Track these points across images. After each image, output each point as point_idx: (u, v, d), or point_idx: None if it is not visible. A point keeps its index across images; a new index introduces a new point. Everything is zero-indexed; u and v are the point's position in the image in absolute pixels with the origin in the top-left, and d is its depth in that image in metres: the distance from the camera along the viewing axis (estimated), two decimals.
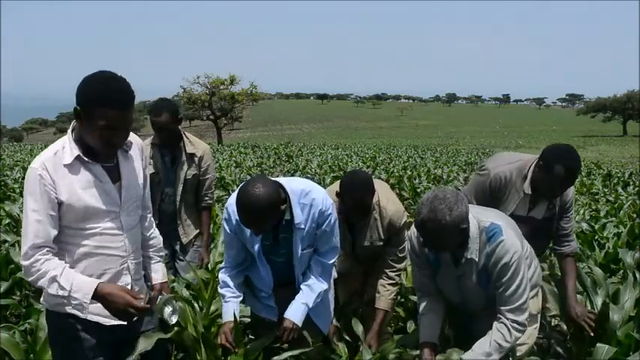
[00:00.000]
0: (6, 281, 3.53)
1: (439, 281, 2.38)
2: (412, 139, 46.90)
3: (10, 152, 22.77)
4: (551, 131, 66.14)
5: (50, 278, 1.78)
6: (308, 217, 2.21)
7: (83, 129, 1.79)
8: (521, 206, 2.71)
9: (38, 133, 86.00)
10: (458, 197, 2.09)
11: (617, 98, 59.47)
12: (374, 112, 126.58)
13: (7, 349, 2.42)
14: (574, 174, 2.55)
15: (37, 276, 1.79)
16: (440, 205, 2.04)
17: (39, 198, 1.78)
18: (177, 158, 3.33)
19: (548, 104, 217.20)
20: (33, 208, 1.78)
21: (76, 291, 1.79)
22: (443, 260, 2.30)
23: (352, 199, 2.55)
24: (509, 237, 2.19)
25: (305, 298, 2.29)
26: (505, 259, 2.16)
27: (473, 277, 2.25)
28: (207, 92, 38.04)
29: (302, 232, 2.22)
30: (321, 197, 2.22)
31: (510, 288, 2.18)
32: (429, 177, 11.97)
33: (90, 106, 1.73)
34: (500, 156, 2.89)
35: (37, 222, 1.79)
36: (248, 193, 2.01)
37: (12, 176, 10.21)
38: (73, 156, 1.81)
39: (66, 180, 1.80)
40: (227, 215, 2.27)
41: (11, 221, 5.10)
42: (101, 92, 1.73)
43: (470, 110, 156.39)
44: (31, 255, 1.79)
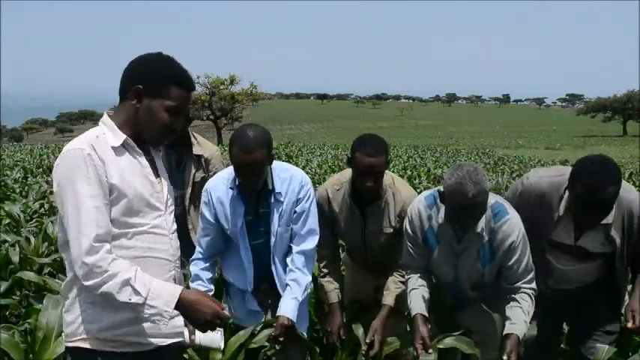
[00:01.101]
0: (6, 281, 3.52)
1: (435, 259, 2.39)
2: (412, 139, 46.89)
3: (10, 152, 22.75)
4: (551, 131, 66.12)
5: (122, 281, 1.48)
6: (287, 190, 2.28)
7: (139, 112, 1.60)
8: (562, 231, 2.33)
9: (38, 133, 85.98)
10: (477, 165, 2.17)
11: (617, 98, 59.48)
12: (374, 112, 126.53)
13: (7, 349, 2.42)
14: (599, 196, 2.05)
15: (103, 279, 1.48)
16: (478, 175, 2.07)
17: (93, 181, 1.50)
18: (183, 159, 3.22)
19: (548, 104, 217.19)
20: (89, 194, 1.49)
21: (153, 298, 1.51)
22: (443, 238, 2.33)
23: (365, 156, 2.35)
24: (513, 215, 2.26)
25: (294, 293, 2.30)
26: (512, 237, 2.23)
27: (474, 253, 2.30)
28: (207, 92, 38.03)
29: (281, 206, 2.28)
30: (299, 174, 2.34)
31: (522, 264, 2.27)
32: (429, 177, 11.97)
33: (163, 85, 1.59)
34: (551, 168, 2.61)
35: (96, 209, 1.49)
36: (243, 131, 2.12)
37: (12, 176, 10.20)
38: (120, 139, 1.60)
39: (114, 163, 1.56)
40: (207, 198, 2.33)
41: (11, 221, 5.10)
42: (177, 71, 1.63)
43: (470, 110, 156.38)
44: (97, 249, 1.48)
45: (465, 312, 2.50)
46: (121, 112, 1.64)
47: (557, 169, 2.44)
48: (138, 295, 1.50)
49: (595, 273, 2.37)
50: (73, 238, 1.49)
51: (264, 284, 2.42)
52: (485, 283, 2.40)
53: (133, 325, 1.57)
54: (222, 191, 2.32)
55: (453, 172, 2.12)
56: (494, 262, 2.31)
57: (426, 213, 2.36)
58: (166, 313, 1.54)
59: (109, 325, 1.56)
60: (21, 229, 4.70)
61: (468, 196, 2.05)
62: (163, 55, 1.65)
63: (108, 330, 1.56)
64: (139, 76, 1.60)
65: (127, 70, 1.63)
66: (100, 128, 1.62)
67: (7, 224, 5.00)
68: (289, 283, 2.32)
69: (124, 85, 1.62)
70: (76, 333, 1.56)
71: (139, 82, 1.59)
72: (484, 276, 2.36)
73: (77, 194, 1.49)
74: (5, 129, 74.46)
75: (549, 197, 2.32)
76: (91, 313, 1.55)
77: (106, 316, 1.55)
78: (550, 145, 36.73)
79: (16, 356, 2.40)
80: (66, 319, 1.61)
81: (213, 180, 2.40)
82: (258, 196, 2.29)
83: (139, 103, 1.60)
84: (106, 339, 1.56)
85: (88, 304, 1.56)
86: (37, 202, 6.33)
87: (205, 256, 2.42)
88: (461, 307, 2.52)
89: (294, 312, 2.28)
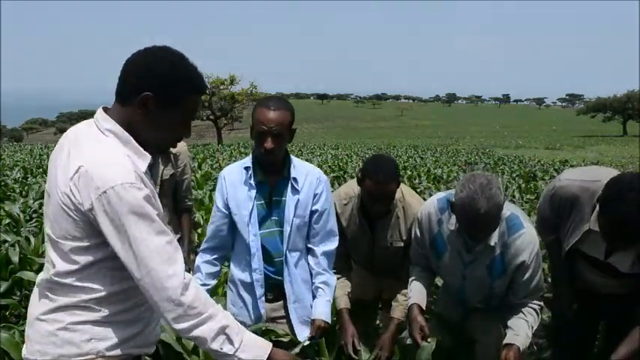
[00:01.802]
0: (6, 281, 3.52)
1: (442, 265, 2.34)
2: (412, 139, 46.88)
3: (10, 152, 22.76)
4: (551, 131, 66.12)
5: (219, 328, 1.39)
6: (305, 181, 2.25)
7: (146, 120, 1.43)
8: (593, 244, 2.13)
9: (38, 133, 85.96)
10: (491, 175, 2.08)
11: (617, 98, 59.47)
12: (374, 112, 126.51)
13: (7, 349, 2.43)
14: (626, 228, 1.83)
15: (200, 321, 1.37)
16: (492, 189, 1.97)
17: (154, 217, 1.37)
18: (155, 157, 3.07)
19: (548, 104, 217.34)
20: (158, 230, 1.37)
21: (244, 350, 1.42)
22: (452, 247, 2.26)
23: (374, 183, 2.34)
24: (528, 228, 2.17)
25: (327, 295, 2.29)
26: (526, 253, 2.14)
27: (485, 266, 2.21)
28: (207, 92, 37.96)
29: (298, 195, 2.23)
30: (317, 170, 2.32)
31: (534, 282, 2.20)
32: (429, 177, 11.97)
33: (179, 95, 1.42)
34: (586, 169, 2.37)
35: (169, 244, 1.38)
36: (268, 97, 2.21)
37: (12, 176, 10.21)
38: (146, 161, 1.45)
39: (151, 188, 1.44)
40: (220, 183, 2.31)
41: (11, 221, 5.10)
42: (194, 76, 1.45)
43: (470, 110, 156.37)
44: (188, 286, 1.37)
45: (471, 320, 2.45)
46: (124, 116, 1.44)
47: (593, 173, 2.20)
48: (231, 344, 1.41)
49: (625, 287, 2.21)
50: (148, 282, 1.36)
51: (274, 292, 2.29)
52: (494, 296, 2.33)
53: (138, 337, 1.52)
54: (237, 175, 2.29)
55: (465, 183, 2.01)
56: (505, 276, 2.22)
57: (436, 217, 2.30)
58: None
59: (119, 341, 1.47)
60: (21, 229, 4.70)
61: (480, 212, 1.95)
62: (176, 55, 1.45)
63: (117, 346, 1.47)
64: (149, 82, 1.40)
65: (131, 70, 1.43)
66: (119, 145, 1.42)
67: (7, 224, 5.00)
68: (320, 286, 2.29)
69: (128, 87, 1.43)
70: (80, 353, 1.44)
71: (149, 88, 1.40)
72: (493, 289, 2.28)
73: (146, 234, 1.35)
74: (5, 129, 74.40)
75: (580, 205, 2.12)
76: (102, 330, 1.45)
77: (115, 333, 1.46)
78: (550, 145, 36.72)
79: (16, 356, 2.41)
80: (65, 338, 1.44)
81: (229, 166, 2.38)
82: (273, 185, 2.25)
83: (147, 111, 1.42)
84: (113, 356, 1.47)
85: (99, 322, 1.45)
86: (37, 202, 6.33)
87: (211, 246, 2.36)
88: (469, 314, 2.47)
89: (329, 314, 2.28)
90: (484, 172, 2.05)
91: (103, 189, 1.33)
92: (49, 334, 1.43)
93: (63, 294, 1.44)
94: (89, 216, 1.36)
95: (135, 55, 1.44)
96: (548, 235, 2.43)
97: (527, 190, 9.64)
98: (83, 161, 1.36)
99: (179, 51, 1.46)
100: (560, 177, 2.29)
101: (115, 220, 1.34)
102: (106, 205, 1.33)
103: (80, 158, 1.37)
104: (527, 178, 12.44)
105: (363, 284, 2.81)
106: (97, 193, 1.33)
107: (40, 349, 1.44)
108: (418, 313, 2.29)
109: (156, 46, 1.46)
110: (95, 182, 1.33)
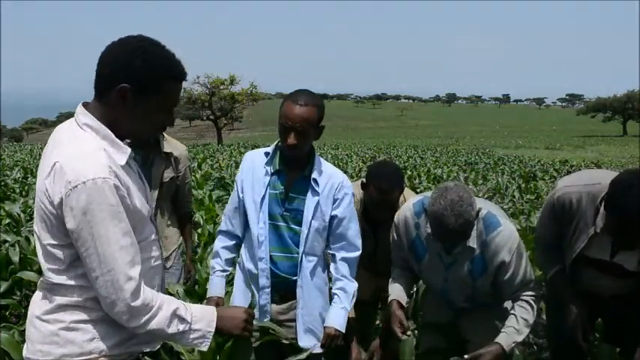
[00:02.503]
0: (6, 281, 3.52)
1: (423, 268, 2.33)
2: (412, 139, 46.86)
3: (10, 152, 22.75)
4: (551, 131, 66.12)
5: (171, 314, 1.43)
6: (326, 184, 2.16)
7: (126, 112, 1.40)
8: (599, 247, 2.09)
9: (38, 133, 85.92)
10: (464, 188, 2.06)
11: (617, 98, 59.49)
12: (374, 112, 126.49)
13: (7, 349, 2.43)
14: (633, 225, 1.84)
15: (152, 315, 1.40)
16: (461, 207, 1.97)
17: (123, 215, 1.36)
18: (149, 157, 2.87)
19: (548, 104, 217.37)
20: (123, 231, 1.36)
21: (197, 321, 1.47)
22: (431, 249, 2.25)
23: (377, 191, 2.37)
24: (506, 225, 2.16)
25: (343, 302, 2.21)
26: (506, 249, 2.14)
27: (465, 266, 2.21)
28: (207, 92, 38.01)
29: (317, 197, 2.15)
30: (342, 175, 2.23)
31: (519, 276, 2.18)
32: (429, 177, 11.97)
33: (157, 82, 1.40)
34: (581, 174, 2.32)
35: (131, 246, 1.38)
36: (298, 91, 2.13)
37: (12, 176, 10.20)
38: (125, 154, 1.43)
39: (130, 184, 1.42)
40: (243, 164, 2.25)
41: (11, 221, 5.10)
42: (171, 62, 1.42)
43: (470, 110, 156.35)
44: (140, 289, 1.38)
45: (461, 321, 2.44)
46: (103, 110, 1.42)
47: (589, 176, 2.16)
48: (184, 322, 1.45)
49: (630, 287, 2.17)
50: (108, 280, 1.35)
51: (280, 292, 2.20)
52: (478, 295, 2.32)
53: (140, 335, 1.50)
54: (257, 158, 2.23)
55: (437, 197, 2.01)
56: (486, 274, 2.21)
57: (413, 221, 2.28)
58: (209, 333, 1.49)
59: (122, 339, 1.47)
60: (21, 229, 4.70)
61: (449, 228, 1.98)
62: (148, 41, 1.41)
63: (121, 344, 1.47)
64: (126, 73, 1.37)
65: (106, 62, 1.40)
66: (96, 140, 1.39)
67: (7, 224, 5.00)
68: (337, 292, 2.22)
69: (105, 79, 1.40)
70: (83, 353, 1.43)
71: (126, 80, 1.37)
72: (476, 289, 2.27)
73: (113, 234, 1.34)
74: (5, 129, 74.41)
75: (582, 210, 2.07)
76: (104, 329, 1.44)
77: (118, 332, 1.45)
78: (550, 145, 36.71)
79: (16, 356, 2.41)
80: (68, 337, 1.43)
81: (254, 150, 2.32)
82: (291, 180, 2.17)
83: (125, 103, 1.39)
84: (115, 355, 1.46)
85: (100, 321, 1.44)
86: None
87: (229, 228, 2.29)
88: (459, 316, 2.45)
89: (343, 322, 2.20)
90: (457, 185, 2.04)
91: (75, 183, 1.31)
92: (51, 333, 1.43)
93: (60, 294, 1.43)
94: (59, 212, 1.34)
95: (109, 47, 1.42)
96: (551, 266, 2.34)
97: (527, 190, 9.63)
98: (58, 157, 1.35)
99: (154, 39, 1.43)
100: (557, 186, 2.23)
101: (81, 214, 1.32)
102: (74, 200, 1.31)
103: (57, 155, 1.36)
104: (527, 178, 12.43)
105: (363, 284, 2.81)
106: (67, 187, 1.32)
107: (43, 349, 1.43)
108: (397, 308, 2.28)
109: (130, 36, 1.43)
110: (67, 176, 1.32)
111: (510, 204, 7.59)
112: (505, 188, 9.85)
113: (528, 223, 5.69)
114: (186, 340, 1.47)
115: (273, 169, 2.17)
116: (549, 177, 12.81)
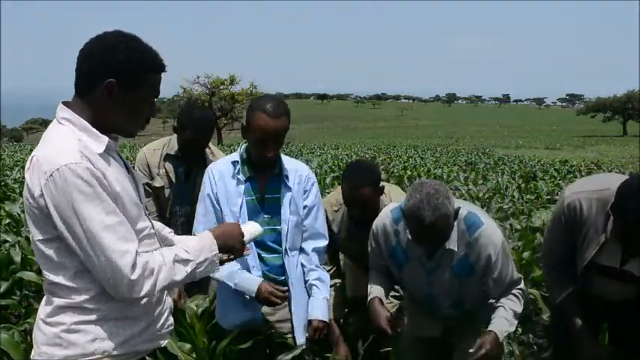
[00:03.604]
0: (6, 281, 3.52)
1: (405, 275, 2.27)
2: (412, 139, 46.89)
3: (10, 152, 22.77)
4: (551, 131, 66.14)
5: (171, 264, 1.44)
6: (294, 179, 2.22)
7: (111, 106, 1.43)
8: (609, 254, 2.04)
9: (38, 133, 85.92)
10: (440, 183, 2.02)
11: (617, 98, 59.57)
12: (374, 112, 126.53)
13: (7, 349, 2.42)
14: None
15: (155, 279, 1.40)
16: (438, 199, 1.91)
17: (104, 195, 1.36)
18: (193, 171, 2.82)
19: (548, 104, 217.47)
20: (107, 210, 1.35)
21: (199, 254, 1.51)
22: (412, 255, 2.19)
23: (349, 187, 2.39)
24: (488, 225, 2.11)
25: (323, 293, 2.24)
26: (490, 248, 2.08)
27: (448, 269, 2.15)
28: (207, 92, 38.07)
29: (291, 192, 2.19)
30: (305, 167, 2.30)
31: (507, 276, 2.14)
32: (429, 177, 11.97)
33: (139, 75, 1.42)
34: (589, 179, 2.30)
35: (120, 224, 1.37)
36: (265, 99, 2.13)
37: (12, 176, 10.20)
38: (103, 143, 1.43)
39: (108, 171, 1.41)
40: (207, 177, 2.20)
41: (11, 221, 5.10)
42: (150, 54, 1.45)
43: (470, 110, 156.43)
44: (136, 264, 1.37)
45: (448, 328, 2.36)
46: (84, 106, 1.43)
47: (598, 182, 2.10)
48: (188, 263, 1.47)
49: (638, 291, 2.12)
50: (104, 260, 1.35)
51: None
52: (466, 299, 2.25)
53: (146, 332, 1.52)
54: (226, 169, 2.20)
55: (412, 192, 1.97)
56: (473, 276, 2.15)
57: (392, 228, 2.22)
58: (216, 257, 1.54)
59: (125, 338, 1.47)
60: (21, 229, 4.69)
61: (425, 222, 1.91)
62: (127, 36, 1.44)
63: (124, 344, 1.47)
64: (107, 68, 1.39)
65: (86, 59, 1.42)
66: (73, 132, 1.41)
67: (7, 224, 5.00)
68: (314, 283, 2.24)
69: (85, 76, 1.42)
70: (85, 354, 1.43)
71: (109, 74, 1.39)
72: (463, 291, 2.21)
73: (98, 214, 1.34)
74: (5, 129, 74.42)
75: (592, 218, 2.00)
76: (106, 329, 1.44)
77: (120, 332, 1.46)
78: (550, 145, 36.73)
79: (16, 356, 2.40)
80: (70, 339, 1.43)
81: (216, 161, 2.30)
82: (264, 181, 2.19)
83: (112, 97, 1.41)
84: (120, 354, 1.46)
85: (101, 321, 1.44)
86: None
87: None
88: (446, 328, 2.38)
89: (327, 312, 2.22)
90: (433, 181, 2.01)
91: (50, 172, 1.34)
92: (54, 336, 1.44)
93: (59, 295, 1.44)
94: (41, 203, 1.36)
95: (88, 44, 1.44)
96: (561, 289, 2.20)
97: (527, 190, 9.63)
98: (36, 152, 1.40)
99: (131, 33, 1.46)
100: (564, 194, 2.13)
101: (63, 201, 1.33)
102: (53, 188, 1.33)
103: (36, 150, 1.41)
104: (527, 178, 12.42)
105: (357, 281, 2.82)
106: (44, 177, 1.34)
107: (47, 351, 1.44)
108: (379, 304, 2.21)
109: (107, 32, 1.45)
110: (43, 167, 1.35)
111: (510, 204, 7.57)
112: (505, 188, 9.84)
113: (528, 223, 5.68)
114: (200, 275, 1.51)
115: (245, 177, 2.17)
116: (549, 177, 12.80)
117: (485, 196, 8.36)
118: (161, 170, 2.80)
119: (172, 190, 2.81)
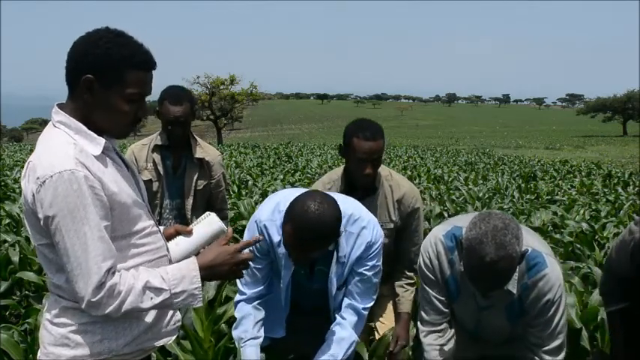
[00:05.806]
0: (6, 281, 3.52)
1: (455, 308, 2.10)
2: (412, 139, 46.84)
3: (10, 152, 22.73)
4: (551, 131, 66.13)
5: (140, 290, 1.36)
6: (352, 249, 1.95)
7: (94, 105, 1.39)
8: None
9: (38, 133, 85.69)
10: (512, 218, 1.75)
11: (617, 98, 59.43)
12: (374, 112, 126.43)
13: (7, 349, 2.42)
14: None
15: (120, 300, 1.35)
16: (506, 236, 1.66)
17: (92, 208, 1.33)
18: (181, 163, 2.83)
19: (548, 104, 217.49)
20: (93, 224, 1.32)
21: (177, 284, 1.40)
22: (465, 289, 1.98)
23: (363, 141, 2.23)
24: (553, 268, 1.88)
25: (334, 351, 1.99)
26: (549, 296, 1.87)
27: (501, 309, 1.97)
28: (207, 92, 38.02)
29: (343, 268, 1.96)
30: (372, 226, 1.97)
31: (551, 327, 1.91)
32: (429, 177, 11.96)
33: (116, 71, 1.37)
34: None
35: (100, 240, 1.33)
36: (309, 210, 1.72)
37: (12, 176, 10.19)
38: (99, 145, 1.40)
39: (106, 175, 1.39)
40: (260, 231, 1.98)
41: (11, 221, 5.10)
42: (131, 50, 1.39)
43: (470, 110, 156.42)
44: (103, 284, 1.33)
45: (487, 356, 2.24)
46: (74, 106, 1.41)
47: None
48: (160, 292, 1.38)
49: None
50: (77, 274, 1.33)
51: None
52: (515, 337, 2.09)
53: (153, 330, 1.51)
54: (277, 238, 1.98)
55: (477, 221, 1.72)
56: (524, 318, 1.96)
57: (446, 257, 1.98)
58: (197, 289, 1.42)
59: (132, 337, 1.46)
60: (21, 229, 4.69)
61: (485, 259, 1.66)
62: (111, 32, 1.39)
63: (131, 342, 1.47)
64: (87, 64, 1.36)
65: (71, 56, 1.39)
66: (67, 135, 1.39)
67: (7, 224, 5.00)
68: (332, 340, 2.00)
69: (71, 74, 1.40)
70: (93, 354, 1.43)
71: (87, 69, 1.36)
72: (511, 334, 2.06)
73: (81, 227, 1.32)
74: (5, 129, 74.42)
75: None
76: (113, 328, 1.44)
77: (126, 329, 1.46)
78: (550, 145, 36.70)
79: (16, 356, 2.41)
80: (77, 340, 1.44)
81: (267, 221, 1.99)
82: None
83: (92, 96, 1.38)
84: (127, 353, 1.46)
85: (108, 321, 1.43)
86: None
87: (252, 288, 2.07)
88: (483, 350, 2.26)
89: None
90: (503, 215, 1.74)
91: (43, 179, 1.32)
92: (62, 336, 1.44)
93: (64, 296, 1.44)
94: (34, 209, 1.35)
95: (75, 41, 1.41)
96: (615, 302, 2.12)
97: (527, 190, 9.63)
98: (32, 157, 1.39)
99: (119, 29, 1.42)
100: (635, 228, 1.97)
101: (50, 208, 1.32)
102: (43, 195, 1.32)
103: (32, 156, 1.39)
104: (527, 178, 12.43)
105: None
106: (37, 183, 1.33)
107: (54, 351, 1.44)
108: None
109: (97, 29, 1.42)
110: (37, 173, 1.33)
111: (510, 204, 7.58)
112: (505, 188, 9.85)
113: (528, 223, 5.69)
114: (175, 306, 1.43)
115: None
116: (549, 177, 12.81)
117: (485, 196, 8.36)
118: (149, 164, 2.80)
119: (162, 184, 2.81)
